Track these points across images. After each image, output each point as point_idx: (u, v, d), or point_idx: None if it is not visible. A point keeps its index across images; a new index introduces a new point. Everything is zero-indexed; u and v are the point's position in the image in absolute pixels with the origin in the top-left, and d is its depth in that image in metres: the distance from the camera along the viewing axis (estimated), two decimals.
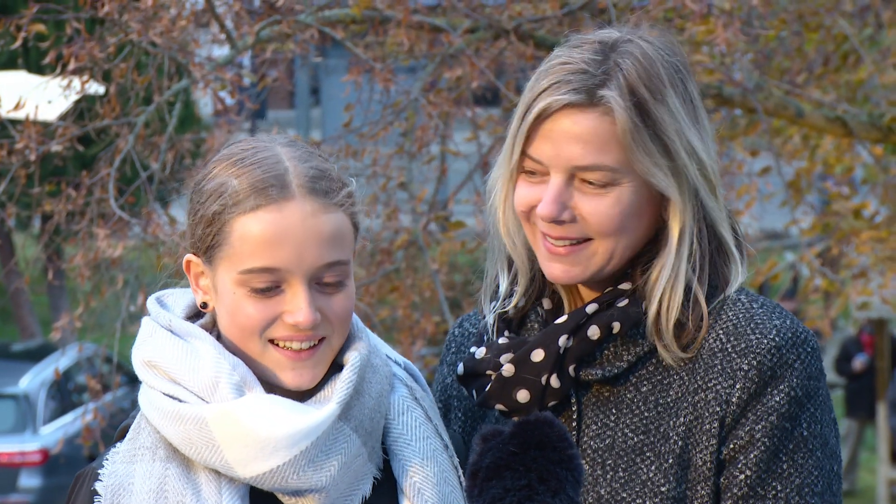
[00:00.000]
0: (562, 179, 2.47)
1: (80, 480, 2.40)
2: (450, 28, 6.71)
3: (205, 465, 2.32)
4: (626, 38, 2.51)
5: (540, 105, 2.46)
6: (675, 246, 2.49)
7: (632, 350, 2.50)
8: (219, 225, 2.33)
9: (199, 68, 6.45)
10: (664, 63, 2.49)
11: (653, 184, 2.47)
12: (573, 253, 2.49)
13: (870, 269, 8.57)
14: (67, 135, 6.50)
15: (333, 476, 2.32)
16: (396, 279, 7.52)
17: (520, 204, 2.52)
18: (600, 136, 2.45)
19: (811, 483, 2.44)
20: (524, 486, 2.33)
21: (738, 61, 7.27)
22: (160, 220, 6.79)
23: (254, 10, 7.36)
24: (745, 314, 2.48)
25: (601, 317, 2.50)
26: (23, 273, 9.26)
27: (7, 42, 6.43)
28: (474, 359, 2.57)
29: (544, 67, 2.50)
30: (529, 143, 2.49)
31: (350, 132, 7.43)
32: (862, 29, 8.39)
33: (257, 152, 2.36)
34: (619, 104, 2.44)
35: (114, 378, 8.63)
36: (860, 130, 7.44)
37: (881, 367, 15.40)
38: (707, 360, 2.47)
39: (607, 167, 2.46)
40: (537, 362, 2.50)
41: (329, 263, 2.33)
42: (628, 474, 2.48)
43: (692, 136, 2.49)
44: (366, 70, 6.93)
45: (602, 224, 2.47)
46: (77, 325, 6.95)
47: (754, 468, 2.43)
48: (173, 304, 2.47)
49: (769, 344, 2.45)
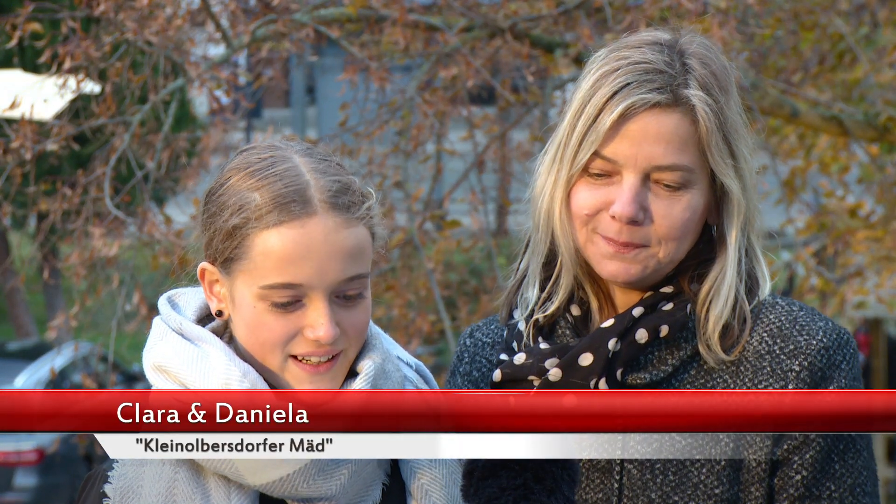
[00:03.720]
0: (638, 180, 2.46)
1: (91, 482, 2.39)
2: (445, 27, 6.71)
3: (214, 471, 2.32)
4: (685, 40, 2.52)
5: (623, 104, 2.44)
6: (734, 250, 2.51)
7: (675, 354, 2.51)
8: (239, 239, 2.32)
9: (194, 67, 6.45)
10: (722, 65, 2.52)
11: (725, 185, 2.49)
12: (634, 251, 2.48)
13: (865, 269, 8.58)
14: (63, 134, 6.50)
15: (343, 484, 2.32)
16: (392, 278, 7.52)
17: (585, 206, 2.50)
18: (681, 137, 2.46)
19: (862, 483, 2.47)
20: (520, 486, 2.33)
21: (734, 60, 7.26)
22: (156, 219, 6.79)
23: (249, 8, 7.35)
24: (787, 316, 2.50)
25: (648, 320, 2.50)
26: (18, 272, 9.26)
27: (3, 41, 6.43)
28: (514, 365, 2.55)
29: (608, 67, 2.48)
30: (605, 143, 2.47)
31: (346, 131, 7.42)
32: (858, 28, 8.39)
33: (275, 163, 2.33)
34: (702, 105, 2.45)
35: (109, 377, 8.63)
36: (856, 129, 7.45)
37: (877, 366, 15.42)
38: (754, 362, 2.48)
39: (685, 167, 2.46)
40: (586, 366, 2.49)
41: (350, 278, 2.31)
42: (678, 478, 2.48)
43: (747, 138, 2.52)
44: (361, 69, 6.93)
45: (672, 227, 2.47)
46: (73, 324, 6.95)
47: (810, 468, 2.45)
48: (185, 305, 2.45)
49: (818, 345, 2.47)
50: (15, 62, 10.65)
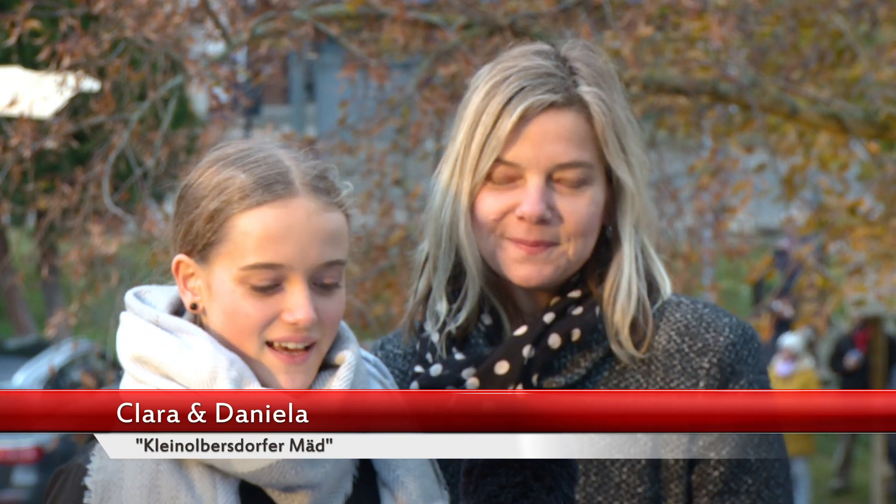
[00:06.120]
0: (542, 180, 2.51)
1: (63, 476, 2.38)
2: (445, 24, 6.71)
3: (200, 459, 2.32)
4: (566, 47, 2.59)
5: (521, 107, 2.49)
6: (629, 246, 2.57)
7: (588, 356, 2.55)
8: (219, 222, 2.33)
9: (193, 65, 6.45)
10: (604, 64, 2.59)
11: (620, 179, 2.54)
12: (544, 252, 2.53)
13: (865, 266, 8.57)
14: (62, 131, 6.50)
15: (328, 472, 2.33)
16: (391, 276, 7.52)
17: (492, 212, 2.53)
18: (579, 134, 2.52)
19: (776, 475, 2.52)
20: (519, 483, 2.34)
21: (734, 58, 7.27)
22: (155, 217, 6.79)
23: (248, 6, 7.35)
24: (693, 314, 2.56)
25: (559, 325, 2.54)
26: (17, 269, 9.26)
27: (1, 38, 6.43)
28: (430, 376, 2.58)
29: (498, 77, 2.53)
30: (506, 148, 2.51)
31: (345, 129, 7.43)
32: (857, 25, 8.39)
33: (254, 152, 2.37)
34: (595, 100, 2.52)
35: (108, 374, 8.63)
36: (855, 127, 7.45)
37: (876, 364, 15.42)
38: (664, 360, 2.53)
39: (586, 163, 2.52)
40: (502, 374, 2.52)
41: (329, 262, 2.33)
42: (600, 478, 2.51)
43: (635, 135, 2.58)
44: (361, 66, 6.93)
45: (580, 223, 2.52)
46: (72, 322, 6.95)
47: (727, 464, 2.50)
48: (154, 300, 2.46)
49: (725, 342, 2.53)
50: (14, 60, 10.65)
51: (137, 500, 2.31)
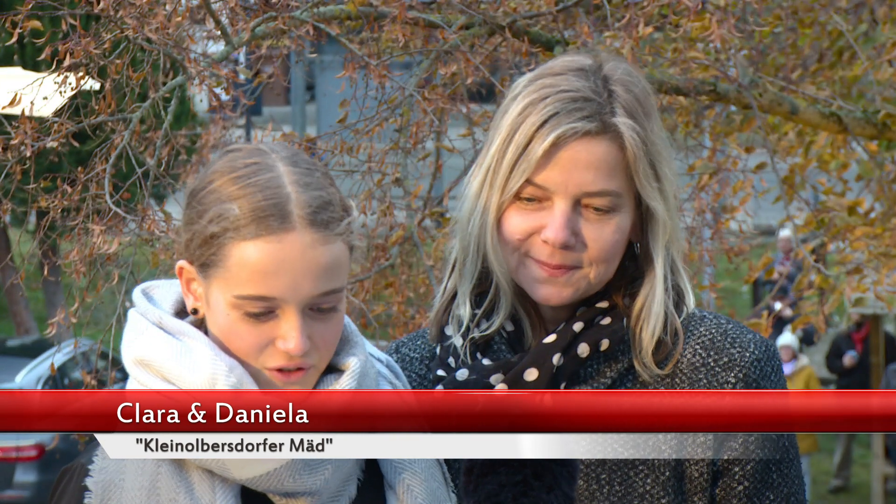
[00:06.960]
0: (569, 206, 2.52)
1: (68, 475, 2.39)
2: (445, 24, 6.71)
3: (199, 464, 2.32)
4: (609, 67, 2.57)
5: (554, 134, 2.49)
6: (661, 268, 2.57)
7: (613, 367, 2.57)
8: (216, 247, 2.33)
9: (194, 64, 6.45)
10: (644, 90, 2.58)
11: (651, 207, 2.55)
12: (565, 275, 2.54)
13: (864, 266, 8.58)
14: (63, 131, 6.50)
15: (327, 479, 2.34)
16: (391, 275, 7.52)
17: (517, 232, 2.55)
18: (610, 163, 2.52)
19: (796, 492, 2.56)
20: (519, 482, 2.35)
21: (733, 58, 7.27)
22: (156, 216, 6.79)
23: (249, 6, 7.36)
24: (717, 329, 2.58)
25: (588, 335, 2.56)
26: (18, 269, 9.26)
27: (3, 38, 6.43)
28: (456, 381, 2.59)
29: (536, 95, 2.53)
30: (536, 171, 2.52)
31: (345, 128, 7.42)
32: (857, 25, 8.39)
33: (259, 171, 2.34)
34: (629, 131, 2.51)
35: (109, 374, 8.63)
36: (855, 127, 7.45)
37: (875, 363, 15.42)
38: (689, 374, 2.55)
39: (614, 192, 2.52)
40: (532, 381, 2.54)
41: (324, 293, 2.33)
42: (624, 488, 2.52)
43: (670, 160, 2.58)
44: (361, 66, 6.93)
45: (603, 250, 2.53)
46: (72, 321, 6.95)
47: (751, 479, 2.52)
48: (161, 298, 2.47)
49: (751, 357, 2.55)
50: (15, 59, 10.66)
51: (137, 501, 2.32)
